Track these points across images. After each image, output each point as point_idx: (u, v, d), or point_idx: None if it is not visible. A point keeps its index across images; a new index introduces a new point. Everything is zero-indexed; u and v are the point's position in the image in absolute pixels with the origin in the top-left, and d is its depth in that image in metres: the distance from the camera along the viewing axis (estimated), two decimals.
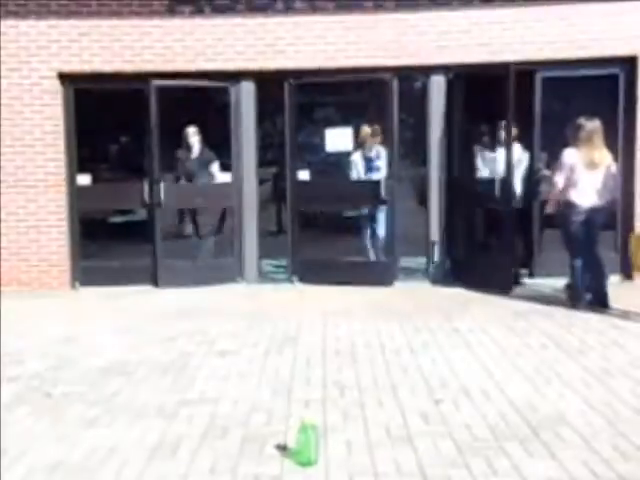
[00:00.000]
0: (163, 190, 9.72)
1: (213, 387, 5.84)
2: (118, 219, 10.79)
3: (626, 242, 8.88)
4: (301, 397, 5.52)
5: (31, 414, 5.33)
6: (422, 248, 10.21)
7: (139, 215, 10.28)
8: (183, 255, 10.23)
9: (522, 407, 5.22)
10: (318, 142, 10.25)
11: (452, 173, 9.90)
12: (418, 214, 11.18)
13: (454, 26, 9.61)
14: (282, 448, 4.53)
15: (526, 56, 9.52)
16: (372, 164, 9.99)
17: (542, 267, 9.55)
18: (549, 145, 9.16)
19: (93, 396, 5.69)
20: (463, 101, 9.71)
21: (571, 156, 8.06)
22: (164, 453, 4.55)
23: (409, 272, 10.27)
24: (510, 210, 9.05)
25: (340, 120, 10.37)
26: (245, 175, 10.12)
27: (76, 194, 9.98)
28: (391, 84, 9.65)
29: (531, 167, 9.51)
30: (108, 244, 10.33)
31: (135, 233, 10.19)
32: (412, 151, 9.23)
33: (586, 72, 9.50)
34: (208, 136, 10.39)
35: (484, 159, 9.65)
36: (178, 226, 10.86)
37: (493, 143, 9.13)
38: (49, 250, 9.95)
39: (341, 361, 6.47)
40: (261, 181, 11.07)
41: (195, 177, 10.25)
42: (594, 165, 8.02)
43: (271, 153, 14.06)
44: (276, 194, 13.53)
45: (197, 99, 9.72)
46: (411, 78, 11.19)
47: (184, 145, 10.26)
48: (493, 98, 9.06)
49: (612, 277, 9.03)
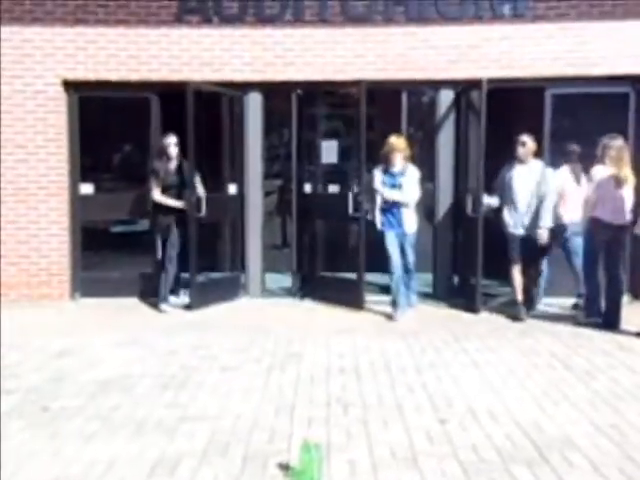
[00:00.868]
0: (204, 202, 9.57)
1: (215, 403, 5.83)
2: (120, 229, 10.76)
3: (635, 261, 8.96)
4: (304, 415, 5.52)
5: (28, 428, 5.32)
6: (429, 264, 10.21)
7: (142, 225, 10.25)
8: (186, 267, 10.19)
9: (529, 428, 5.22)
10: (325, 154, 10.20)
11: (460, 189, 9.90)
12: (425, 230, 11.17)
13: (464, 41, 9.66)
14: (285, 467, 4.53)
15: (536, 72, 9.59)
16: (393, 181, 8.89)
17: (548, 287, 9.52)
18: (558, 162, 9.14)
19: (92, 410, 5.68)
20: (472, 116, 9.71)
21: (601, 173, 8.12)
22: (164, 470, 4.55)
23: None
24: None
25: (347, 133, 10.32)
26: (250, 187, 10.14)
27: (78, 203, 10.00)
28: (401, 97, 9.69)
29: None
30: (110, 254, 10.33)
31: (137, 244, 10.17)
32: (420, 166, 9.15)
33: (596, 90, 9.57)
34: (213, 147, 10.36)
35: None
36: None
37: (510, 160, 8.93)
38: (49, 260, 9.96)
39: (345, 379, 6.46)
40: (266, 193, 11.05)
41: (175, 190, 9.51)
42: (623, 183, 8.10)
43: (277, 165, 14.06)
44: (281, 206, 13.51)
45: (203, 110, 9.66)
46: (420, 92, 11.17)
47: (163, 155, 9.50)
48: (503, 113, 9.05)
49: None
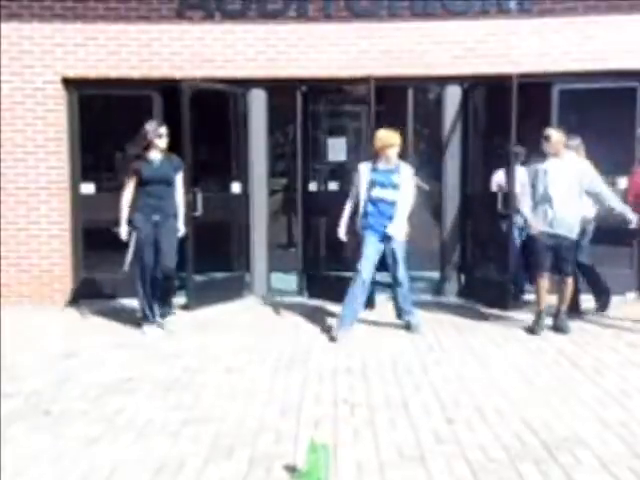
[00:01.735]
0: (200, 200, 9.60)
1: (219, 405, 5.86)
2: None
3: None
4: (311, 416, 5.55)
5: (29, 432, 5.34)
6: (435, 262, 10.25)
7: None
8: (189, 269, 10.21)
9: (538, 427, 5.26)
10: (331, 152, 10.23)
11: (468, 186, 9.93)
12: (431, 228, 11.21)
13: (470, 36, 9.69)
14: (291, 469, 4.55)
15: (543, 68, 9.63)
16: (387, 179, 8.07)
17: None
18: None
19: (94, 414, 5.71)
20: (479, 112, 9.75)
21: None
22: (168, 474, 4.58)
23: (422, 286, 10.29)
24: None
25: (353, 130, 10.33)
26: (255, 185, 10.18)
27: (79, 203, 10.03)
28: (407, 94, 9.72)
29: None
30: (112, 255, 10.33)
31: None
32: (426, 163, 9.17)
33: (604, 85, 9.60)
34: (217, 145, 10.39)
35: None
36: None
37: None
38: (51, 261, 9.99)
39: (352, 378, 6.50)
40: (272, 192, 11.07)
41: (155, 186, 8.27)
42: None
43: (282, 163, 14.07)
44: (287, 205, 13.53)
45: (206, 107, 9.68)
46: (426, 88, 11.20)
47: (148, 145, 8.27)
48: (509, 109, 9.05)
49: (628, 294, 9.55)
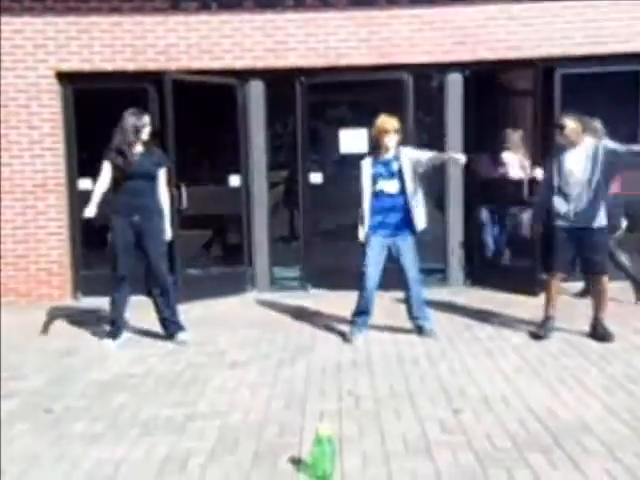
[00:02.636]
0: (185, 195, 9.67)
1: (223, 399, 5.92)
2: None
3: None
4: (316, 408, 5.62)
5: (31, 431, 5.38)
6: (439, 251, 10.31)
7: None
8: (191, 263, 10.26)
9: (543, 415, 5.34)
10: (331, 143, 10.28)
11: (471, 173, 10.01)
12: (434, 216, 11.25)
13: (471, 22, 9.75)
14: (296, 462, 4.62)
15: (545, 52, 9.68)
16: (387, 170, 7.64)
17: None
18: None
19: (97, 411, 5.76)
20: (481, 99, 9.80)
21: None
22: (173, 469, 4.63)
23: (427, 276, 10.32)
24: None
25: (354, 120, 10.36)
26: (255, 179, 10.24)
27: (77, 199, 10.01)
28: (407, 82, 9.76)
29: None
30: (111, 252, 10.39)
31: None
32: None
33: (606, 69, 9.63)
34: (216, 138, 10.43)
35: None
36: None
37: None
38: (49, 259, 10.05)
39: (357, 371, 6.58)
40: (272, 185, 11.12)
41: (136, 182, 7.67)
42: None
43: (282, 155, 14.11)
44: (288, 198, 13.56)
45: (204, 99, 9.72)
46: (427, 76, 11.24)
47: (129, 137, 7.66)
48: (512, 95, 9.12)
49: None
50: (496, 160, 10.16)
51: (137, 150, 7.68)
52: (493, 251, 10.46)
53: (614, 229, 8.35)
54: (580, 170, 7.35)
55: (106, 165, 7.69)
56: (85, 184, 9.98)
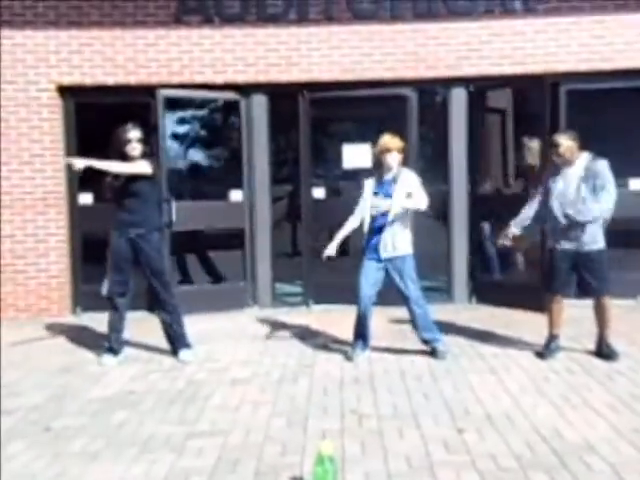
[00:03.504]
0: (174, 210, 9.67)
1: (224, 417, 5.92)
2: None
3: None
4: (317, 427, 5.62)
5: (29, 449, 5.37)
6: (443, 267, 10.32)
7: None
8: (192, 278, 10.27)
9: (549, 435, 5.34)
10: (335, 158, 10.31)
11: (476, 190, 10.04)
12: (438, 232, 11.29)
13: (475, 37, 9.83)
14: None
15: (549, 68, 9.74)
16: (385, 190, 7.44)
17: None
18: None
19: (96, 429, 5.76)
20: (485, 114, 9.85)
21: None
22: None
23: (430, 292, 10.33)
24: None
25: (357, 135, 10.39)
26: (258, 193, 10.26)
27: (77, 214, 10.12)
28: (411, 97, 9.80)
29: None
30: None
31: None
32: (432, 166, 9.22)
33: (612, 84, 9.67)
34: (218, 152, 10.45)
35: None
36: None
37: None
38: (49, 274, 10.07)
39: (360, 389, 6.58)
40: (274, 199, 11.15)
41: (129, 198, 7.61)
42: None
43: (285, 170, 14.15)
44: (290, 213, 13.60)
45: (206, 113, 9.79)
46: (431, 91, 11.28)
47: (119, 153, 7.60)
48: (517, 111, 9.15)
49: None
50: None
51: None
52: (497, 268, 10.44)
53: None
54: (574, 189, 7.21)
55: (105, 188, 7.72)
56: (86, 199, 10.04)
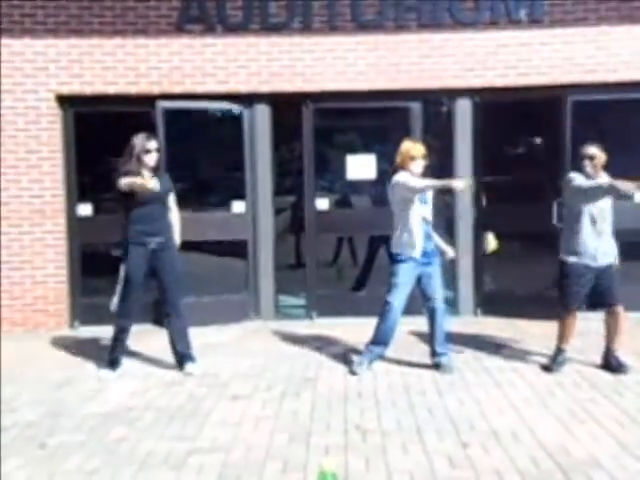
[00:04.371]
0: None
1: (225, 433, 5.91)
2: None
3: None
4: (320, 443, 5.61)
5: (25, 466, 5.36)
6: (448, 279, 10.28)
7: None
8: (192, 291, 10.25)
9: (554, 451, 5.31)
10: (338, 169, 10.31)
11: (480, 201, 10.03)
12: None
13: (480, 48, 9.83)
14: None
15: (554, 79, 9.76)
16: (423, 196, 7.56)
17: None
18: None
19: (93, 445, 5.74)
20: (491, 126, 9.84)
21: None
22: None
23: None
24: None
25: (361, 146, 10.38)
26: (260, 205, 10.25)
27: (76, 225, 10.08)
28: (416, 108, 9.81)
29: None
30: (112, 280, 10.36)
31: None
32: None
33: (618, 96, 9.67)
34: (220, 163, 10.44)
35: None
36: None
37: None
38: (46, 287, 10.03)
39: (364, 404, 6.56)
40: (277, 211, 11.13)
41: (149, 206, 7.63)
42: None
43: (288, 181, 14.14)
44: (293, 225, 13.59)
45: (208, 124, 9.77)
46: (436, 102, 11.29)
47: (135, 162, 7.59)
48: (523, 123, 9.14)
49: None
50: None
51: (147, 175, 7.55)
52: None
53: None
54: (607, 203, 7.21)
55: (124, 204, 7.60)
56: (85, 210, 10.03)
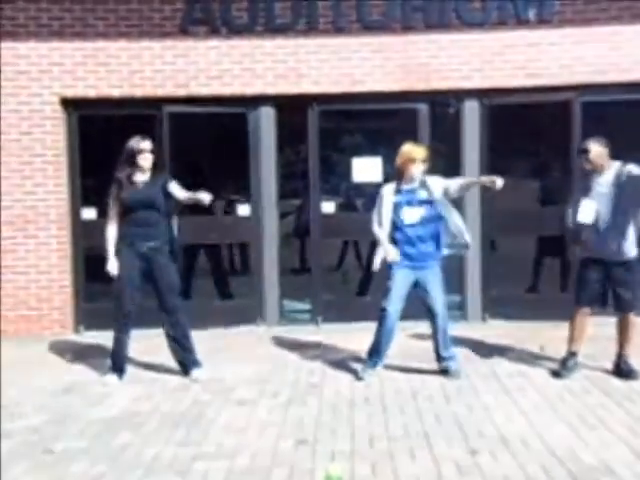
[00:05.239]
0: (176, 225, 9.64)
1: (230, 439, 5.92)
2: None
3: None
4: (327, 449, 5.61)
5: (29, 472, 5.38)
6: (456, 283, 10.28)
7: None
8: (196, 295, 10.26)
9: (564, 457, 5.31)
10: (344, 172, 10.32)
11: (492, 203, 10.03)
12: None
13: (488, 48, 9.82)
14: None
15: (563, 80, 9.75)
16: (413, 199, 7.48)
17: None
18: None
19: (98, 451, 5.76)
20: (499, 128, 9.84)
21: None
22: None
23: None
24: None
25: (367, 148, 10.39)
26: (265, 208, 10.26)
27: (80, 229, 10.11)
28: (423, 110, 9.82)
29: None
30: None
31: None
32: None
33: (629, 96, 9.69)
34: (225, 166, 10.45)
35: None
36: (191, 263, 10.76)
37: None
38: (50, 291, 10.06)
39: (370, 409, 6.56)
40: (282, 214, 11.14)
41: (138, 213, 7.64)
42: None
43: (293, 184, 14.13)
44: (298, 228, 13.58)
45: (213, 126, 9.78)
46: (443, 103, 11.28)
47: (130, 165, 7.64)
48: (532, 124, 9.13)
49: None
50: None
51: (139, 179, 7.63)
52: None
53: None
54: (606, 197, 7.24)
55: (112, 211, 7.75)
56: (89, 214, 10.04)
